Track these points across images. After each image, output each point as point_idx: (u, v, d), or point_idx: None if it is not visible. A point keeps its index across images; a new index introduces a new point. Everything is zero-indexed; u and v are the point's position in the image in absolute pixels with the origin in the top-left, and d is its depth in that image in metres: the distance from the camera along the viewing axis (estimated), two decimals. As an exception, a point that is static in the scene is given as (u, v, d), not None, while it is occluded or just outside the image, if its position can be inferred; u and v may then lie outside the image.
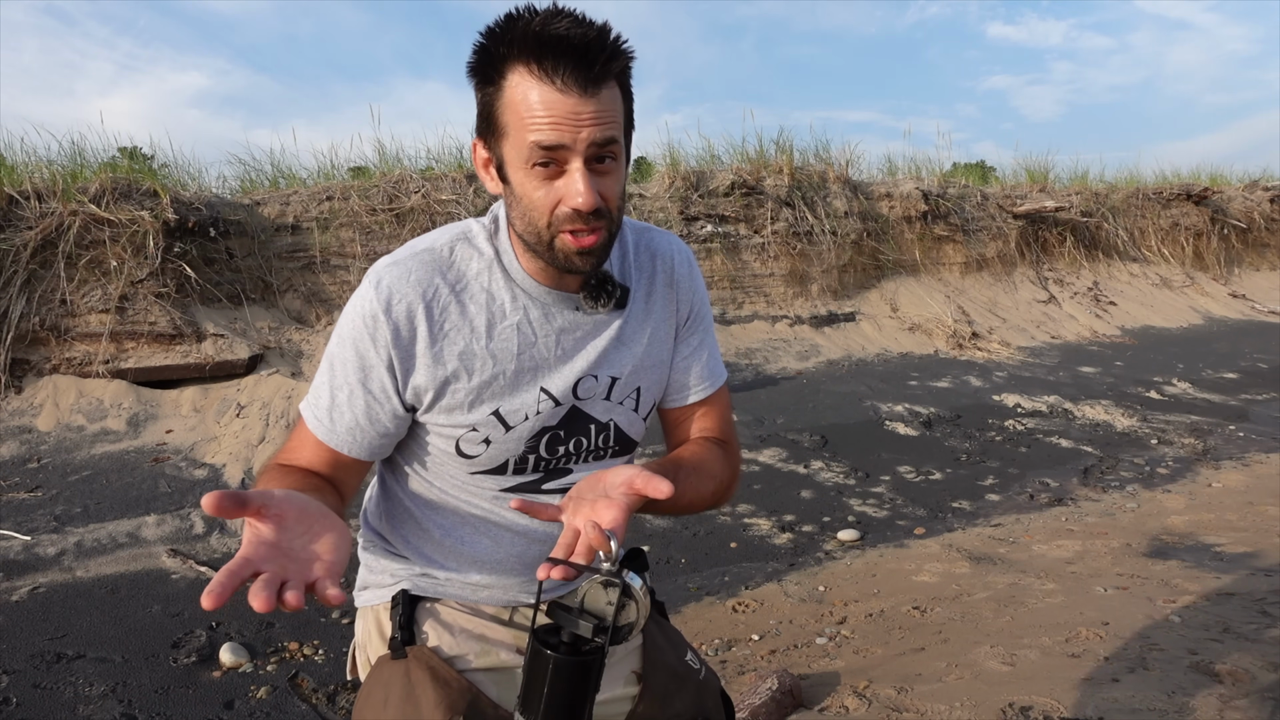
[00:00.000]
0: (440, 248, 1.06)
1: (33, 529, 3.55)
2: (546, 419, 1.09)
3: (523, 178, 0.96)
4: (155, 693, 2.59)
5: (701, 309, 1.20)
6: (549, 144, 0.93)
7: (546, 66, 0.91)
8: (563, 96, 0.91)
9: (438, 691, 1.07)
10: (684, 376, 1.19)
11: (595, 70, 0.92)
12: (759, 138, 10.19)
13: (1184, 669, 2.42)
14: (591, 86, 0.92)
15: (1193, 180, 11.53)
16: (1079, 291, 9.44)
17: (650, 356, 1.15)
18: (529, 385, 1.07)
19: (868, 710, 2.39)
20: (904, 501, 4.40)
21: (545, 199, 0.96)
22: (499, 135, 0.97)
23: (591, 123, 0.92)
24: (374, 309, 1.03)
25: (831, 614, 3.19)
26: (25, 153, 5.53)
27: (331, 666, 2.78)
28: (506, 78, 0.94)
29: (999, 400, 6.25)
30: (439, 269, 1.05)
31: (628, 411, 1.15)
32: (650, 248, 1.17)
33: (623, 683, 1.19)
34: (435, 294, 1.04)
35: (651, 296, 1.15)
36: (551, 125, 0.92)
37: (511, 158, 0.97)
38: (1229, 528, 3.98)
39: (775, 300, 7.54)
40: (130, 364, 4.87)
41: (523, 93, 0.92)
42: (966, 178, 9.85)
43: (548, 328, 1.07)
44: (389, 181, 6.29)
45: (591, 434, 1.13)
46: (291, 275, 5.81)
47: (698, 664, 1.26)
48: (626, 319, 1.12)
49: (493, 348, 1.06)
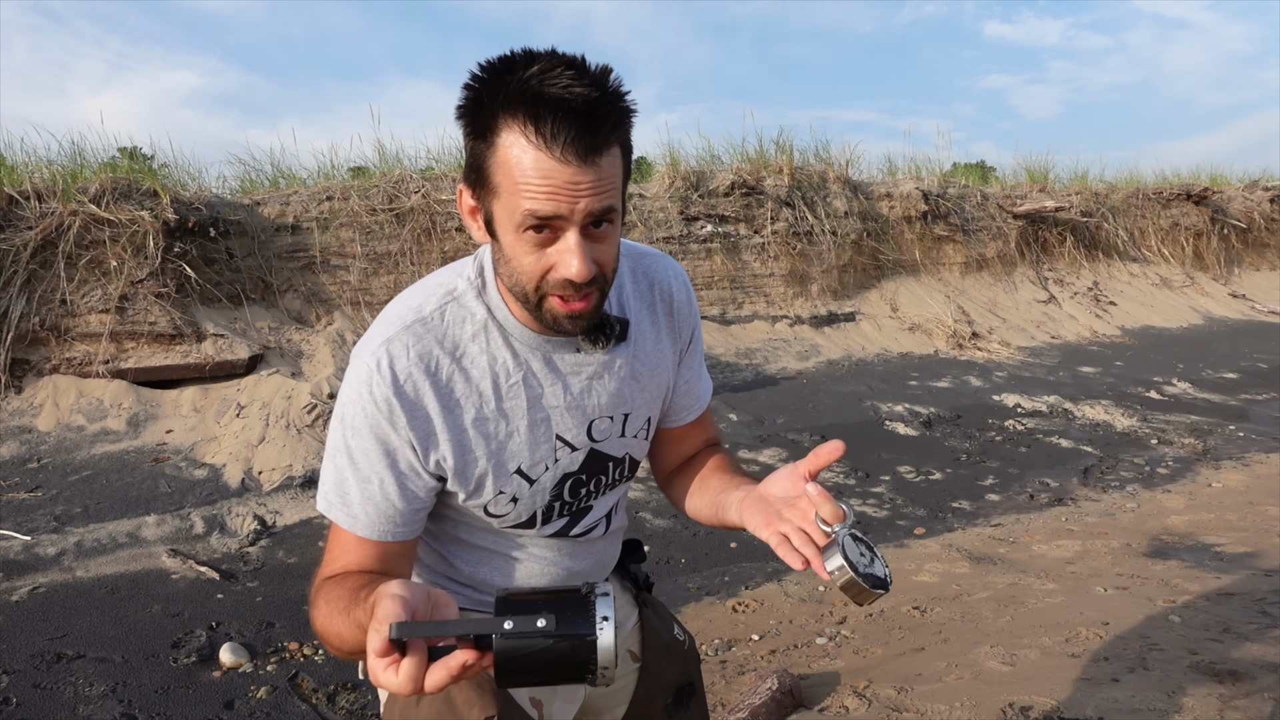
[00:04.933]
0: (430, 315, 1.02)
1: (33, 529, 3.55)
2: (566, 466, 1.09)
3: (513, 240, 0.92)
4: (155, 693, 2.59)
5: (697, 331, 1.20)
6: (544, 215, 0.88)
7: (545, 132, 0.84)
8: (561, 166, 0.85)
9: (472, 691, 1.07)
10: (686, 399, 1.20)
11: (597, 138, 0.86)
12: (759, 137, 10.20)
13: (1184, 669, 2.42)
14: (592, 155, 0.86)
15: (1193, 180, 11.53)
16: (1079, 291, 9.44)
17: (658, 388, 1.15)
18: (544, 437, 1.06)
19: (868, 710, 2.39)
20: (904, 501, 4.40)
21: (536, 265, 0.92)
22: (489, 191, 0.92)
23: (590, 193, 0.87)
24: (385, 392, 0.98)
25: (831, 614, 3.19)
26: (25, 153, 5.54)
27: (331, 667, 2.78)
28: (500, 135, 0.87)
29: (999, 400, 6.25)
30: (435, 339, 1.01)
31: (640, 442, 1.16)
32: (648, 276, 1.14)
33: (622, 663, 1.23)
34: (438, 366, 1.00)
35: (656, 325, 1.13)
36: (548, 195, 0.86)
37: (502, 218, 0.92)
38: (1229, 528, 3.98)
39: (775, 300, 7.54)
40: (130, 364, 4.86)
41: (517, 156, 0.86)
42: (966, 178, 9.85)
43: (552, 376, 1.05)
44: (389, 181, 6.29)
45: (610, 470, 1.14)
46: (291, 275, 5.81)
47: (683, 635, 1.33)
48: (634, 354, 1.10)
49: (504, 407, 1.04)
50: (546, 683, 0.78)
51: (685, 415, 1.21)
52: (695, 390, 1.21)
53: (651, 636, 1.27)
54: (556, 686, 1.08)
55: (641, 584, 1.31)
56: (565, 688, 1.15)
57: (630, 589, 1.30)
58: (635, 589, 1.30)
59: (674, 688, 1.28)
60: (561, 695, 1.18)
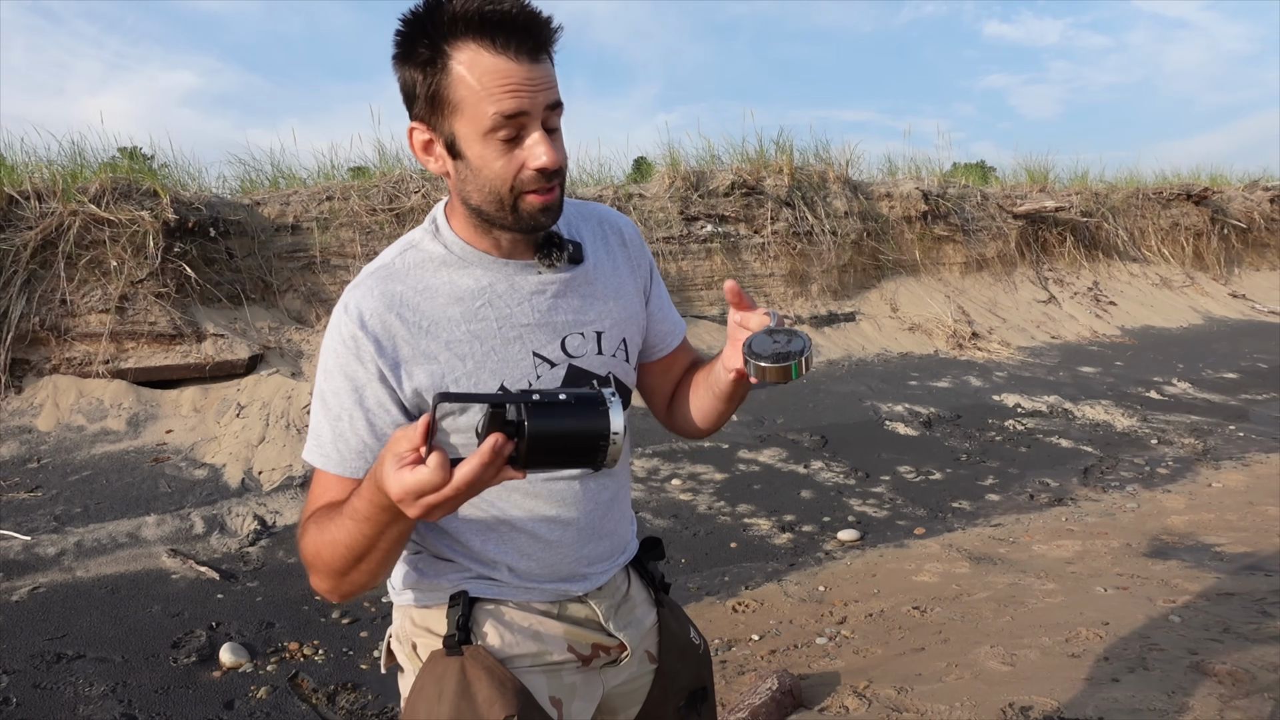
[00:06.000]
0: (391, 260, 1.11)
1: (33, 529, 3.55)
2: (548, 382, 1.13)
3: (481, 149, 1.01)
4: (155, 693, 2.59)
5: (654, 267, 1.29)
6: (511, 111, 0.98)
7: (499, 41, 0.96)
8: (517, 66, 0.97)
9: (493, 690, 1.09)
10: (663, 325, 1.28)
11: (540, 39, 0.98)
12: (759, 138, 10.20)
13: (1184, 669, 2.42)
14: (540, 53, 0.99)
15: (1193, 180, 11.52)
16: (1079, 291, 9.44)
17: (626, 309, 1.21)
18: (521, 354, 1.11)
19: (868, 710, 2.39)
20: (904, 501, 4.40)
21: (508, 166, 1.01)
22: (448, 113, 1.00)
23: (545, 86, 0.99)
24: (351, 329, 1.05)
25: (831, 614, 3.19)
26: (25, 153, 5.54)
27: (331, 666, 2.78)
28: (452, 57, 0.97)
29: (999, 400, 6.25)
30: (396, 278, 1.09)
31: (621, 363, 1.20)
32: (595, 214, 1.24)
33: (638, 663, 1.24)
34: (402, 300, 1.07)
35: (611, 253, 1.22)
36: (511, 93, 0.97)
37: (466, 132, 1.00)
38: (1229, 528, 3.99)
39: (775, 300, 7.54)
40: (130, 364, 4.86)
41: (476, 67, 0.97)
42: (966, 178, 9.85)
43: (518, 295, 1.11)
44: (389, 181, 6.29)
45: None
46: (291, 275, 5.81)
47: (698, 639, 1.35)
48: (594, 275, 1.18)
49: (474, 329, 1.09)
50: (564, 463, 0.89)
51: (670, 341, 1.29)
52: (670, 316, 1.29)
53: (669, 638, 1.28)
54: (576, 680, 1.15)
55: (659, 584, 1.31)
56: (584, 684, 1.17)
57: (648, 589, 1.30)
58: (653, 589, 1.30)
59: (687, 691, 1.29)
60: (580, 694, 1.18)
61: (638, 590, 1.27)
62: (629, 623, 1.22)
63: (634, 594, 1.25)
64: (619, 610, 1.21)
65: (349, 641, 2.93)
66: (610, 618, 1.19)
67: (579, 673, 1.18)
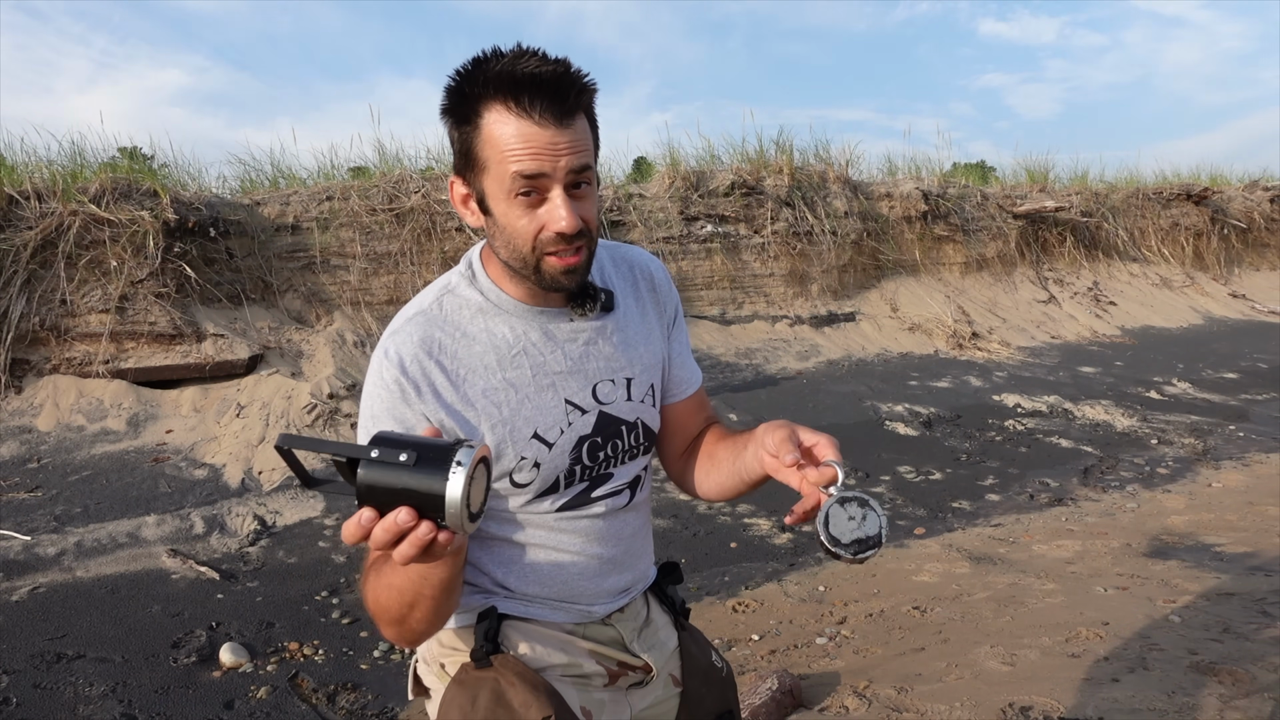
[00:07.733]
0: (429, 307, 1.13)
1: (33, 529, 3.55)
2: (580, 429, 1.14)
3: (505, 208, 1.03)
4: (155, 693, 2.59)
5: (680, 310, 1.30)
6: (530, 173, 0.99)
7: (524, 103, 0.98)
8: (540, 129, 0.98)
9: (529, 693, 1.10)
10: (681, 371, 1.28)
11: (568, 103, 0.99)
12: (759, 137, 10.20)
13: (1184, 669, 2.42)
14: (565, 118, 0.99)
15: (1192, 180, 11.53)
16: (1079, 291, 9.44)
17: (653, 355, 1.22)
18: (554, 401, 1.13)
19: (868, 710, 2.39)
20: (904, 501, 4.40)
21: (529, 226, 1.02)
22: (479, 170, 1.03)
23: (568, 151, 1.00)
24: (393, 374, 1.07)
25: (831, 614, 3.19)
26: (25, 153, 5.54)
27: (331, 667, 2.78)
28: (483, 116, 1.00)
29: (999, 400, 6.25)
30: (435, 325, 1.11)
31: (649, 409, 1.22)
32: (626, 260, 1.25)
33: (664, 686, 1.25)
34: (440, 347, 1.09)
35: (640, 300, 1.23)
36: (531, 156, 0.99)
37: (493, 190, 1.03)
38: (1229, 528, 3.99)
39: (775, 300, 7.54)
40: (130, 364, 4.86)
41: (501, 128, 0.99)
42: (966, 178, 9.85)
43: (551, 344, 1.13)
44: (389, 181, 6.29)
45: (624, 434, 1.19)
46: (291, 275, 5.81)
47: (720, 662, 1.35)
48: (623, 323, 1.19)
49: (510, 377, 1.11)
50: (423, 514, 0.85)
51: (683, 389, 1.28)
52: (687, 364, 1.29)
53: (690, 662, 1.29)
54: (604, 697, 1.18)
55: (679, 609, 1.32)
56: (612, 703, 1.19)
57: (669, 613, 1.31)
58: (674, 614, 1.31)
59: (714, 715, 1.30)
60: (609, 711, 1.19)
61: (658, 615, 1.28)
62: (652, 645, 1.24)
63: (655, 618, 1.27)
64: (642, 633, 1.24)
65: (349, 642, 2.93)
66: (634, 639, 1.22)
67: (607, 690, 1.20)
